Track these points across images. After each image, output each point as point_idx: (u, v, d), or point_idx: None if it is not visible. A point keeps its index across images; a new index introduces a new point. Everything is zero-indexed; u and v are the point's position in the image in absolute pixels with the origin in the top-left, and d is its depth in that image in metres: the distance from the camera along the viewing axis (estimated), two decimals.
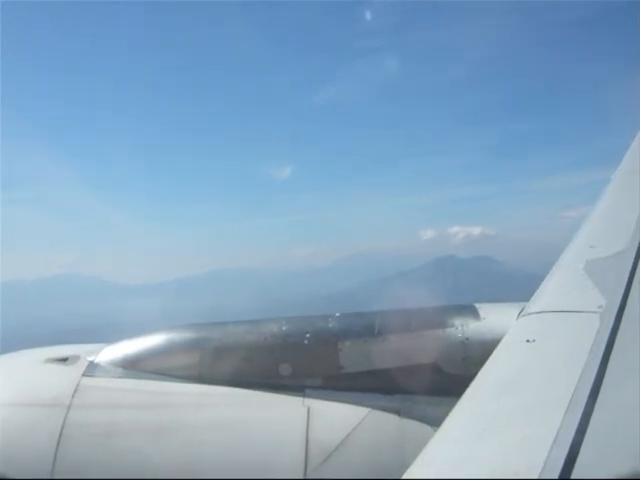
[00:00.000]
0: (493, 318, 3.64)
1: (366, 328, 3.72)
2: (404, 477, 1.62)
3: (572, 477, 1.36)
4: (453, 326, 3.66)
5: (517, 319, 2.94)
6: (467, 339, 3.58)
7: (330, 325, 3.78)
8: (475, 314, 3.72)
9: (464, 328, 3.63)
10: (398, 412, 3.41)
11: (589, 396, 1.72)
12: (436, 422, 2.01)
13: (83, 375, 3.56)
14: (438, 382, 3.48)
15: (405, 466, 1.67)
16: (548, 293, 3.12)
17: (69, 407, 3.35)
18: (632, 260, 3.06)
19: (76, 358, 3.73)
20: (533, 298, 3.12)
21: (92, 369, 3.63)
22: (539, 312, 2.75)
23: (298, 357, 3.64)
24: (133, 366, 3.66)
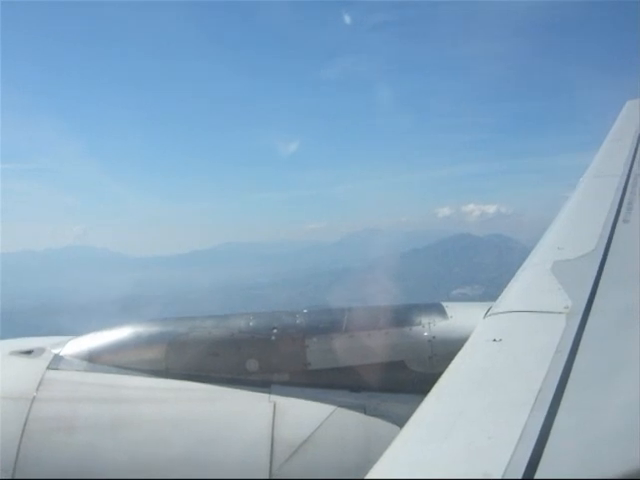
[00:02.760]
0: (460, 317, 3.65)
1: (333, 325, 3.73)
2: (368, 476, 1.64)
3: (536, 477, 1.39)
4: (420, 324, 3.67)
5: (484, 318, 2.95)
6: (434, 337, 3.61)
7: (297, 321, 3.77)
8: (442, 313, 3.74)
9: (431, 326, 3.65)
10: (364, 409, 3.43)
11: (554, 396, 1.77)
12: (402, 420, 2.02)
13: (48, 368, 3.55)
14: (404, 380, 3.53)
15: (370, 464, 1.69)
16: (515, 293, 3.16)
17: (33, 400, 3.33)
18: (599, 262, 3.14)
19: (41, 351, 3.71)
20: (500, 298, 3.14)
21: (57, 362, 3.62)
22: (506, 312, 2.79)
23: (265, 353, 3.64)
24: (99, 359, 3.65)
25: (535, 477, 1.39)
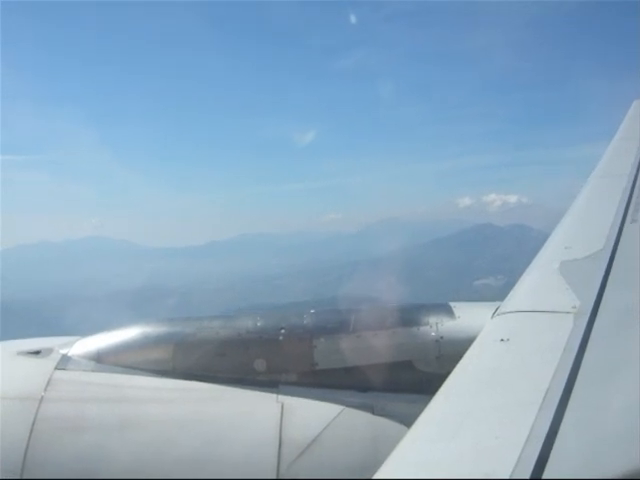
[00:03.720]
0: (468, 317, 3.65)
1: (341, 325, 3.73)
2: (376, 475, 1.65)
3: (544, 477, 1.40)
4: (428, 324, 3.67)
5: (492, 318, 2.95)
6: (441, 337, 3.61)
7: (305, 321, 3.78)
8: (450, 313, 3.75)
9: (439, 326, 3.65)
10: (372, 409, 3.44)
11: (562, 396, 1.78)
12: (409, 420, 2.03)
13: (56, 368, 3.56)
14: (412, 380, 3.54)
15: (378, 464, 1.71)
16: (523, 293, 3.17)
17: (41, 400, 3.34)
18: (606, 261, 3.15)
19: (49, 351, 3.72)
20: (508, 298, 3.14)
21: (65, 362, 3.62)
22: (513, 312, 2.80)
23: (272, 353, 3.65)
24: (106, 360, 3.66)
25: (543, 477, 1.40)
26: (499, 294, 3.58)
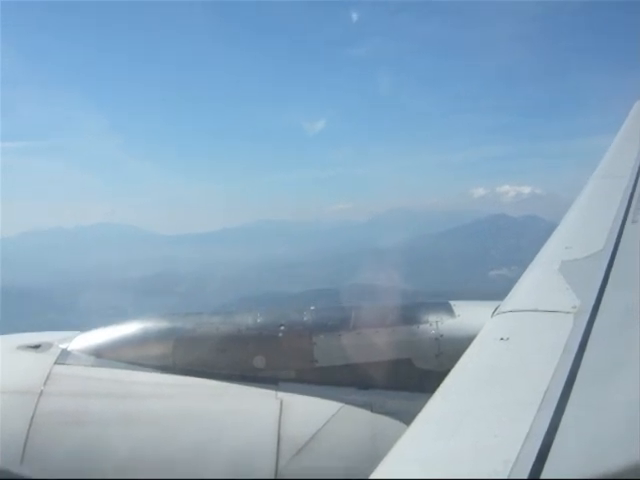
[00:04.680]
0: (468, 315, 3.65)
1: (341, 322, 3.73)
2: (374, 474, 1.65)
3: (542, 477, 1.40)
4: (427, 322, 3.67)
5: (492, 317, 2.95)
6: (441, 336, 3.60)
7: (305, 318, 3.78)
8: (450, 311, 3.74)
9: (439, 325, 3.65)
10: (371, 407, 3.43)
11: (561, 395, 1.79)
12: (408, 418, 2.03)
13: (55, 363, 3.55)
14: (411, 378, 3.52)
15: (376, 462, 1.70)
16: (523, 292, 3.17)
17: (40, 394, 3.34)
18: (607, 262, 3.15)
19: (49, 345, 3.71)
20: (508, 297, 3.14)
21: (65, 357, 3.61)
22: (514, 311, 2.80)
23: (272, 350, 3.64)
24: (106, 355, 3.65)
25: (541, 477, 1.40)
26: (513, 286, 3.45)
